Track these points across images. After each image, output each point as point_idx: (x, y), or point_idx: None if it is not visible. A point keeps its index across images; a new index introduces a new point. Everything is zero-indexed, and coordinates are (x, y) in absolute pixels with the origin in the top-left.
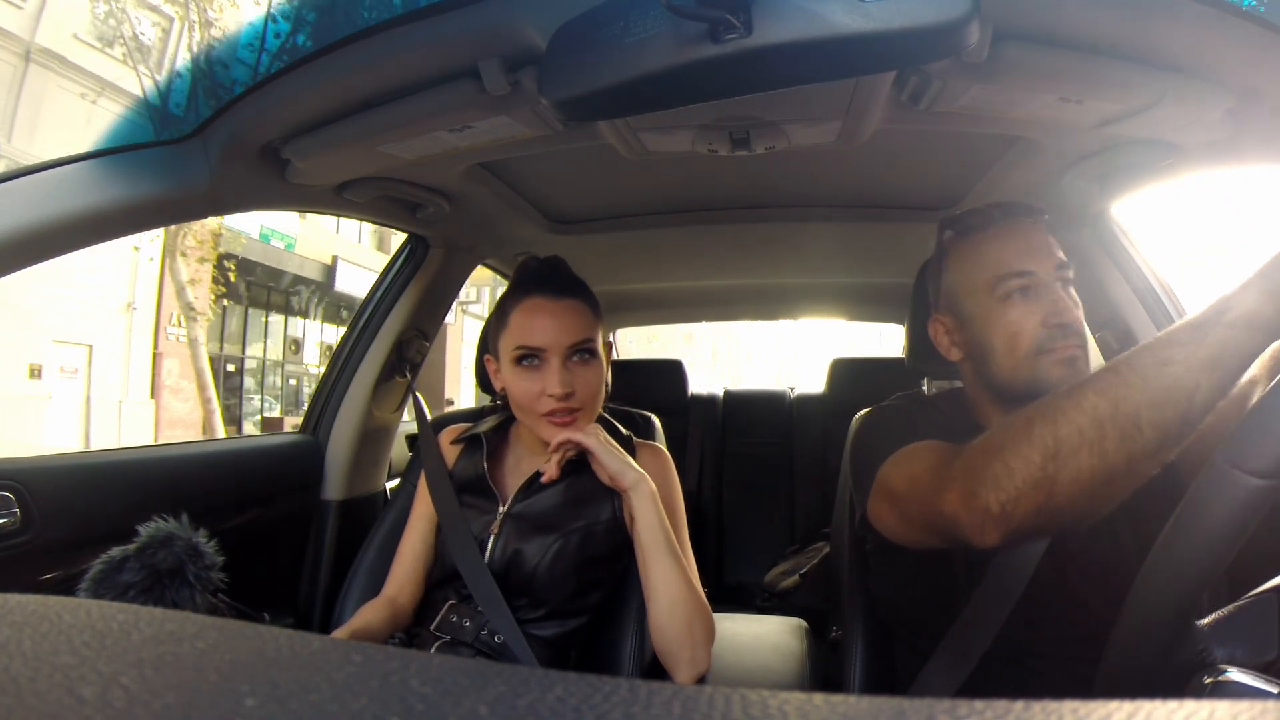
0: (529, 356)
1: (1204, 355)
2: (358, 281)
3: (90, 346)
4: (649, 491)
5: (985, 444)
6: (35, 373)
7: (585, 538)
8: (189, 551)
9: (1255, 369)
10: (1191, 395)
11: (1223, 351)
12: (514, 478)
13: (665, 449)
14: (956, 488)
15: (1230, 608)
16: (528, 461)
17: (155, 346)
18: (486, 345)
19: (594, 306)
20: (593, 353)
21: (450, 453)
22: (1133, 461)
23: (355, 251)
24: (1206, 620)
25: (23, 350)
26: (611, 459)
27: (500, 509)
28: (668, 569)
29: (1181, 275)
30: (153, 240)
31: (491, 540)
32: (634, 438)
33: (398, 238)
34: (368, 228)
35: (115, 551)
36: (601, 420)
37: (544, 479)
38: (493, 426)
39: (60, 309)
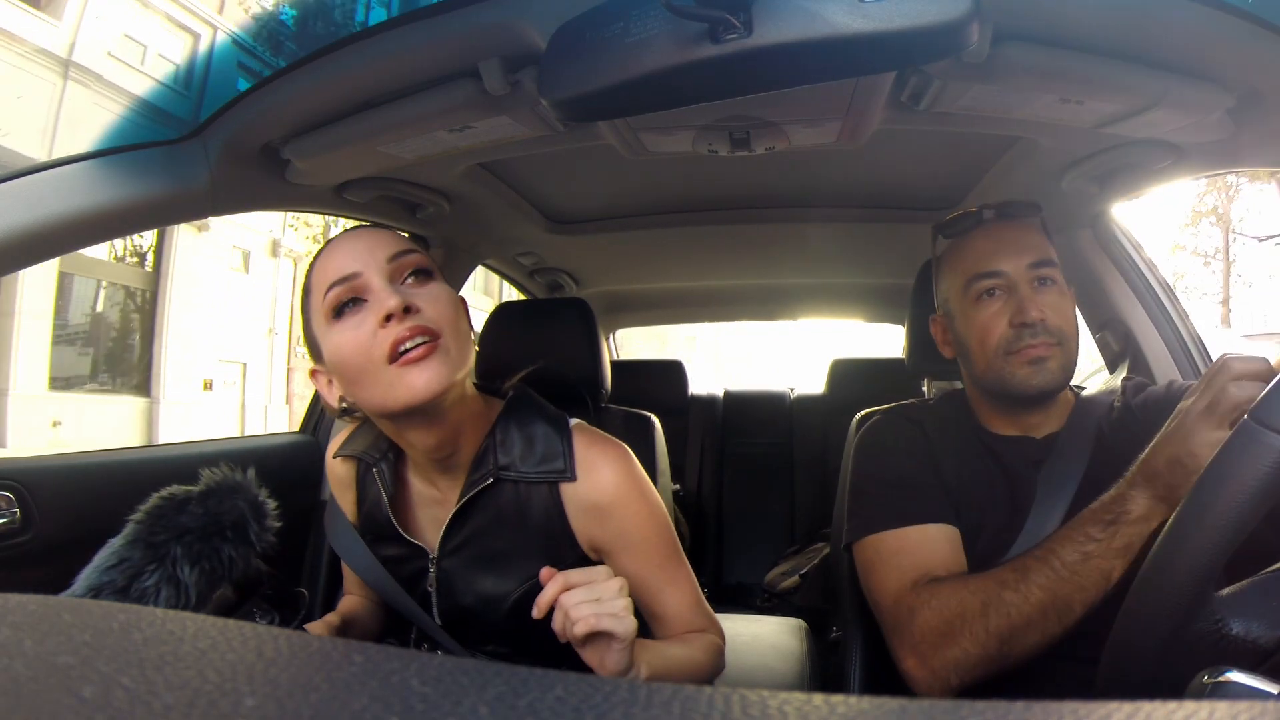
0: (348, 299)
1: (1117, 546)
2: None
3: (244, 364)
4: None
5: (942, 620)
6: (208, 386)
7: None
8: (253, 507)
9: None
10: (1109, 576)
11: (1130, 542)
12: (429, 518)
13: (623, 443)
14: (915, 656)
15: (1249, 580)
16: (436, 498)
17: (288, 363)
18: (311, 356)
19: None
20: (428, 273)
21: (347, 475)
22: (1066, 631)
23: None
24: (1225, 591)
25: (198, 368)
26: (618, 657)
27: (430, 557)
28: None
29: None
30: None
31: (433, 597)
32: (570, 421)
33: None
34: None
35: (177, 489)
36: (520, 399)
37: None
38: (374, 445)
39: (222, 334)
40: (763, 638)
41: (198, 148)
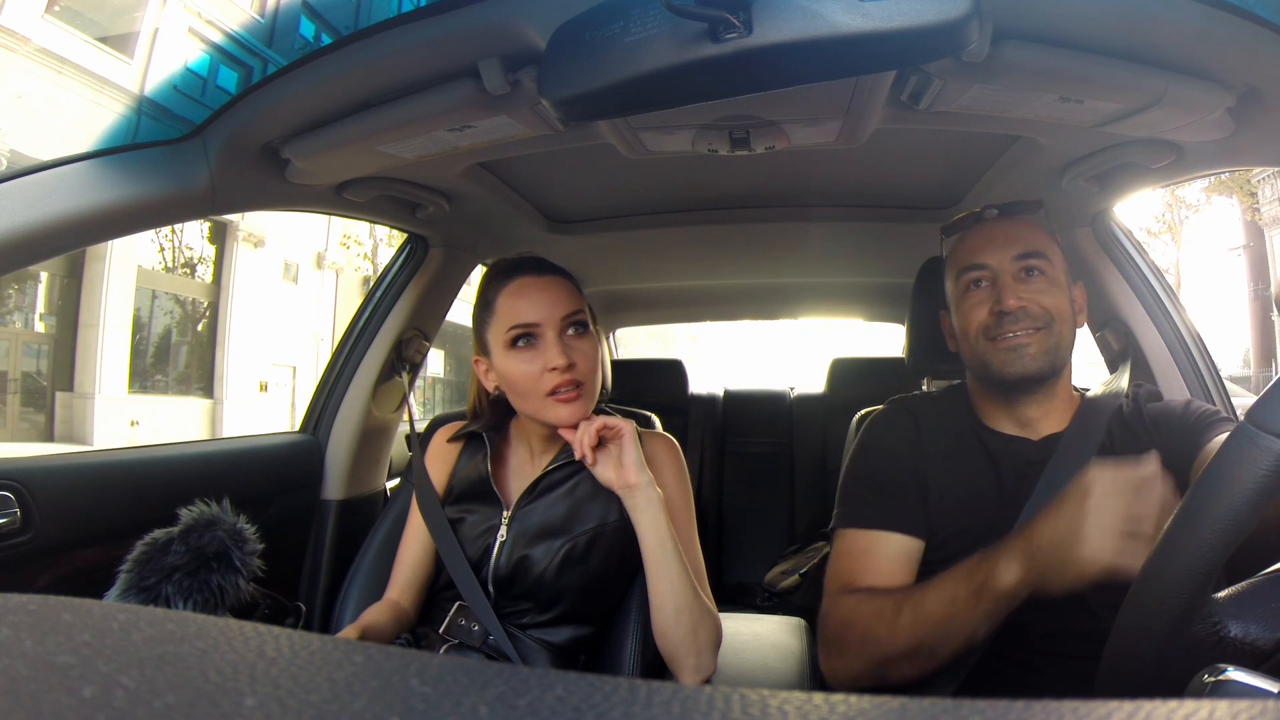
0: (524, 336)
1: (980, 612)
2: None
3: (294, 367)
4: (654, 496)
5: (835, 633)
6: (264, 387)
7: (594, 540)
8: (233, 536)
9: None
10: (973, 636)
11: (995, 609)
12: (518, 479)
13: (673, 438)
14: (823, 654)
15: (1246, 582)
16: (531, 463)
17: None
18: (476, 349)
19: (577, 286)
20: (586, 325)
21: (449, 452)
22: (938, 668)
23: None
24: (1223, 593)
25: (254, 371)
26: (632, 450)
27: (504, 514)
28: (672, 575)
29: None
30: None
31: (497, 546)
32: (639, 428)
33: None
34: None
35: (159, 533)
36: (602, 414)
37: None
38: (491, 424)
39: (276, 340)
40: (763, 637)
41: (198, 147)
